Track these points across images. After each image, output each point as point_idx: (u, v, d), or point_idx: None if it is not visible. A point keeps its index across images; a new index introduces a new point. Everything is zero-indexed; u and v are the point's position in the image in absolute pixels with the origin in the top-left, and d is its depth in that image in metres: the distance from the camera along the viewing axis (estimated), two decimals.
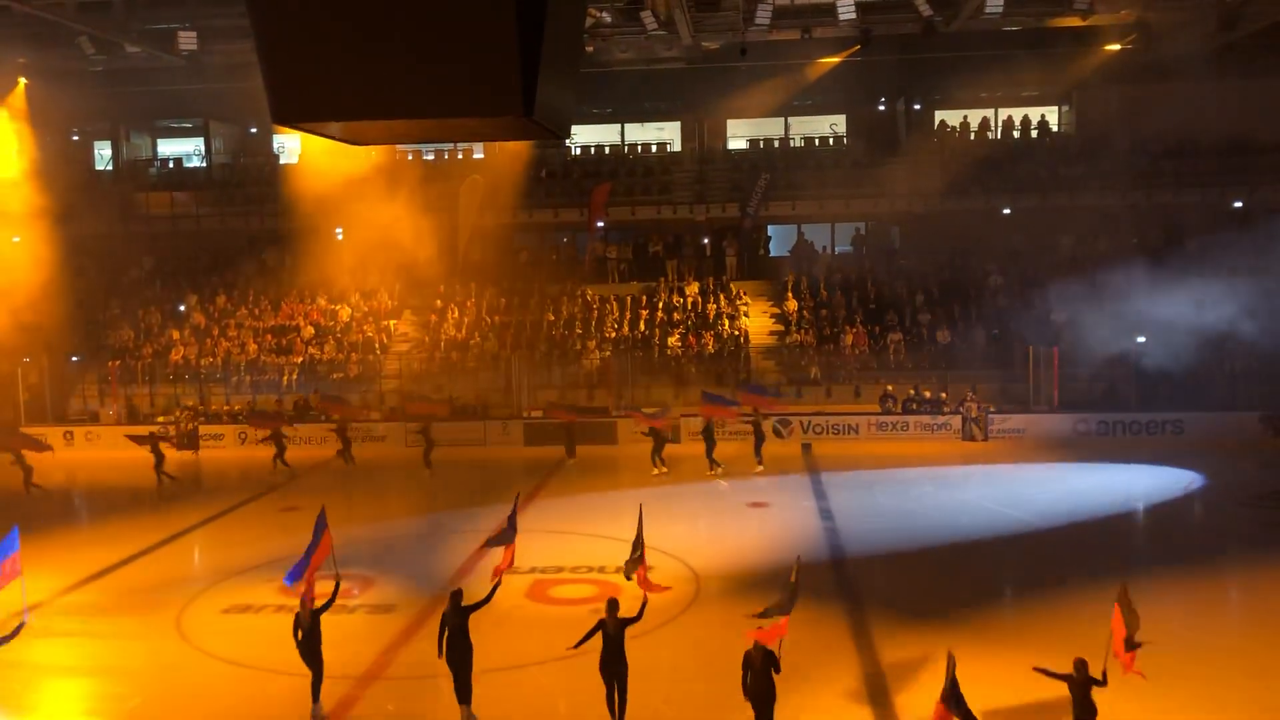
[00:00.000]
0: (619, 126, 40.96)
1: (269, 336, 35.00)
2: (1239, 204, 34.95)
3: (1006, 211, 35.85)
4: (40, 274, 30.55)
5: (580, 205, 36.84)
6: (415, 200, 34.41)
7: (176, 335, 35.40)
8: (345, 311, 36.10)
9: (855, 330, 33.10)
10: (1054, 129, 38.97)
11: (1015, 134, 38.19)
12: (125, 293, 37.73)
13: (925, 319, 33.54)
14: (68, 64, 31.71)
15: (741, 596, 16.04)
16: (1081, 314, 30.99)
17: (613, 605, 12.10)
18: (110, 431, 31.28)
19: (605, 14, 26.90)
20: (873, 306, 34.27)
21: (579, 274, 36.76)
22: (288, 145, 40.05)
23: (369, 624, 15.53)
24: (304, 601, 12.62)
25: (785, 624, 11.44)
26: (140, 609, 16.56)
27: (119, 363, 33.75)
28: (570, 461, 27.39)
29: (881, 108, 39.66)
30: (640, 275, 36.75)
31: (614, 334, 33.57)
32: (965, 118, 38.76)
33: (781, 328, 34.24)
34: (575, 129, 37.24)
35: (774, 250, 38.60)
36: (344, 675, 13.53)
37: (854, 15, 27.16)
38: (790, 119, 39.60)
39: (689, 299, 35.07)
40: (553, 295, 35.79)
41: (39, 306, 31.16)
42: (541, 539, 19.58)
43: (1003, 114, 38.82)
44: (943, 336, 32.83)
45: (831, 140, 39.36)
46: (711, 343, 32.99)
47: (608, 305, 35.06)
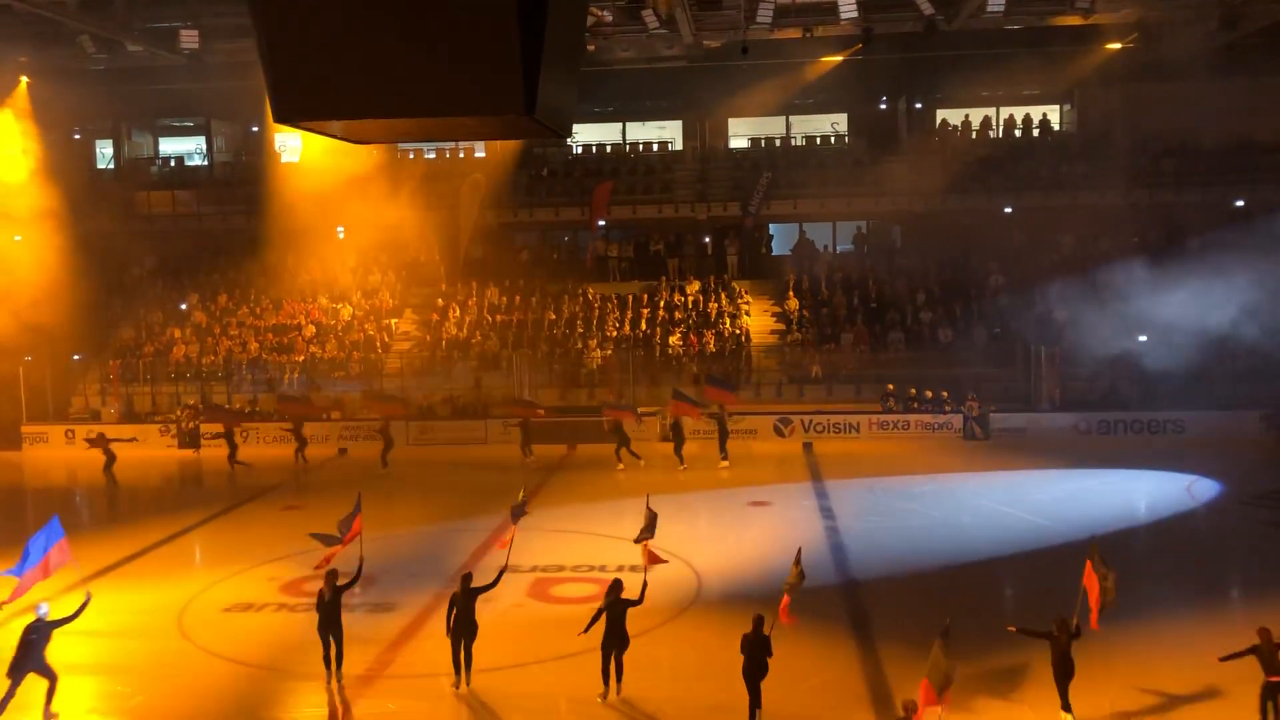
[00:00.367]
0: (620, 125, 40.94)
1: (270, 335, 35.01)
2: (1240, 203, 34.92)
3: (1008, 210, 35.82)
4: (42, 273, 30.54)
5: (581, 204, 36.82)
6: (416, 199, 34.44)
7: (178, 334, 35.43)
8: (346, 310, 36.11)
9: (856, 329, 33.10)
10: (1055, 128, 38.94)
11: (1017, 133, 38.14)
12: (127, 291, 37.75)
13: (926, 318, 33.52)
14: (69, 63, 31.66)
15: (742, 596, 15.98)
16: (1083, 313, 30.98)
17: (616, 586, 12.90)
18: (112, 430, 31.28)
19: (606, 13, 26.86)
20: (874, 305, 34.26)
21: (580, 273, 36.74)
22: (289, 144, 40.04)
23: (370, 623, 15.52)
24: (328, 577, 13.19)
25: (786, 603, 12.20)
26: (142, 607, 16.58)
27: (120, 361, 33.77)
28: (528, 460, 27.31)
29: (883, 106, 39.63)
30: (641, 274, 36.74)
31: (615, 333, 33.56)
32: (967, 116, 38.74)
33: (783, 326, 34.23)
34: (576, 128, 37.18)
35: (775, 249, 38.58)
36: (345, 675, 13.55)
37: (855, 14, 27.12)
38: (791, 118, 39.57)
39: (690, 298, 35.06)
40: (554, 294, 35.78)
41: (41, 305, 31.16)
42: (542, 538, 19.59)
43: (1004, 113, 38.77)
44: (944, 335, 32.82)
45: (833, 139, 39.33)
46: (713, 342, 32.97)
47: (609, 304, 35.06)
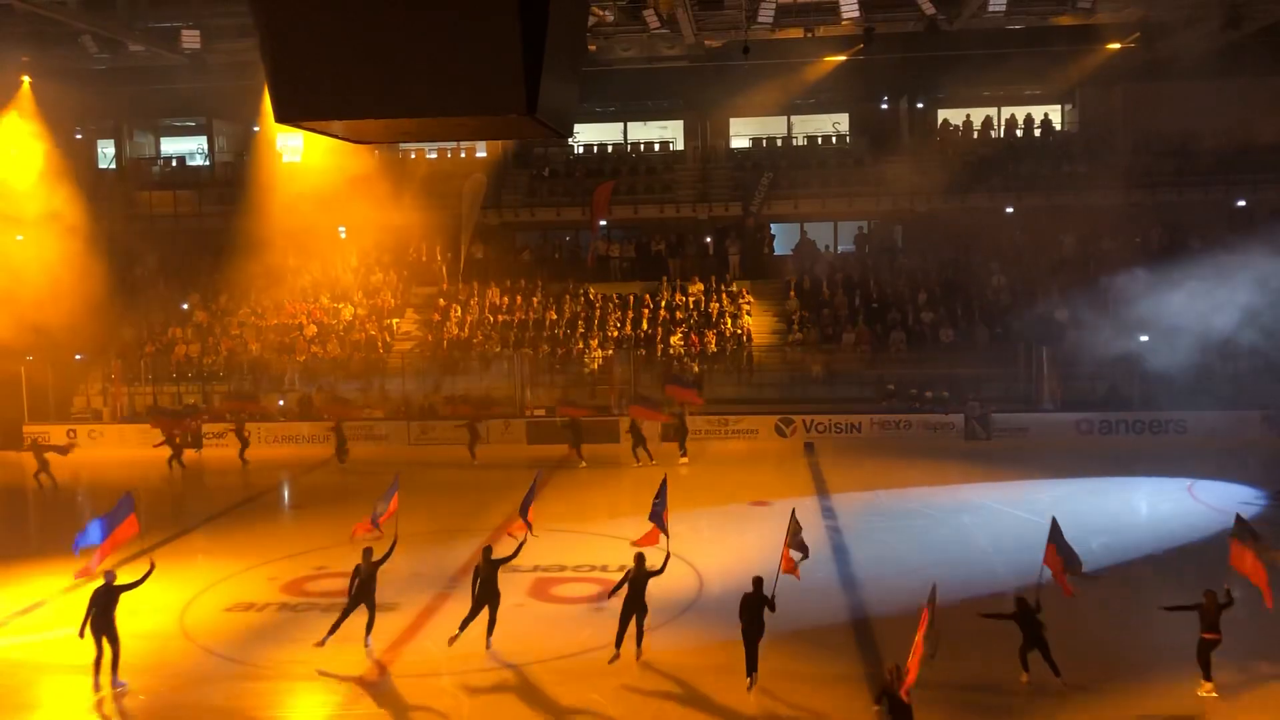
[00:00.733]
0: (621, 125, 40.94)
1: (272, 335, 35.04)
2: (1242, 203, 34.90)
3: (1009, 210, 35.79)
4: (44, 273, 30.56)
5: (583, 204, 36.80)
6: (418, 199, 34.44)
7: (179, 333, 35.45)
8: (348, 310, 36.11)
9: (858, 329, 33.10)
10: (1057, 128, 38.92)
11: (1018, 132, 38.12)
12: (129, 291, 37.72)
13: (928, 318, 33.51)
14: (71, 63, 31.72)
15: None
16: (1084, 313, 30.97)
17: (640, 559, 13.88)
18: (114, 430, 31.39)
19: (608, 13, 26.88)
20: (875, 305, 34.23)
21: (582, 273, 36.70)
22: (291, 144, 40.04)
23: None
24: (365, 554, 14.15)
25: (787, 554, 13.63)
26: (143, 607, 16.54)
27: (122, 361, 33.77)
28: (471, 460, 27.29)
29: (884, 106, 39.60)
30: (643, 274, 36.69)
31: (616, 333, 33.56)
32: (968, 116, 38.72)
33: (784, 326, 34.23)
34: (578, 127, 37.27)
35: (777, 249, 38.52)
36: (346, 674, 13.56)
37: (857, 14, 27.15)
38: (793, 117, 39.57)
39: (691, 298, 35.06)
40: (555, 294, 35.79)
41: (43, 305, 31.18)
42: (543, 537, 19.48)
43: (1005, 112, 38.74)
44: (945, 335, 32.80)
45: (834, 139, 39.32)
46: (714, 342, 32.98)
47: (610, 304, 35.05)
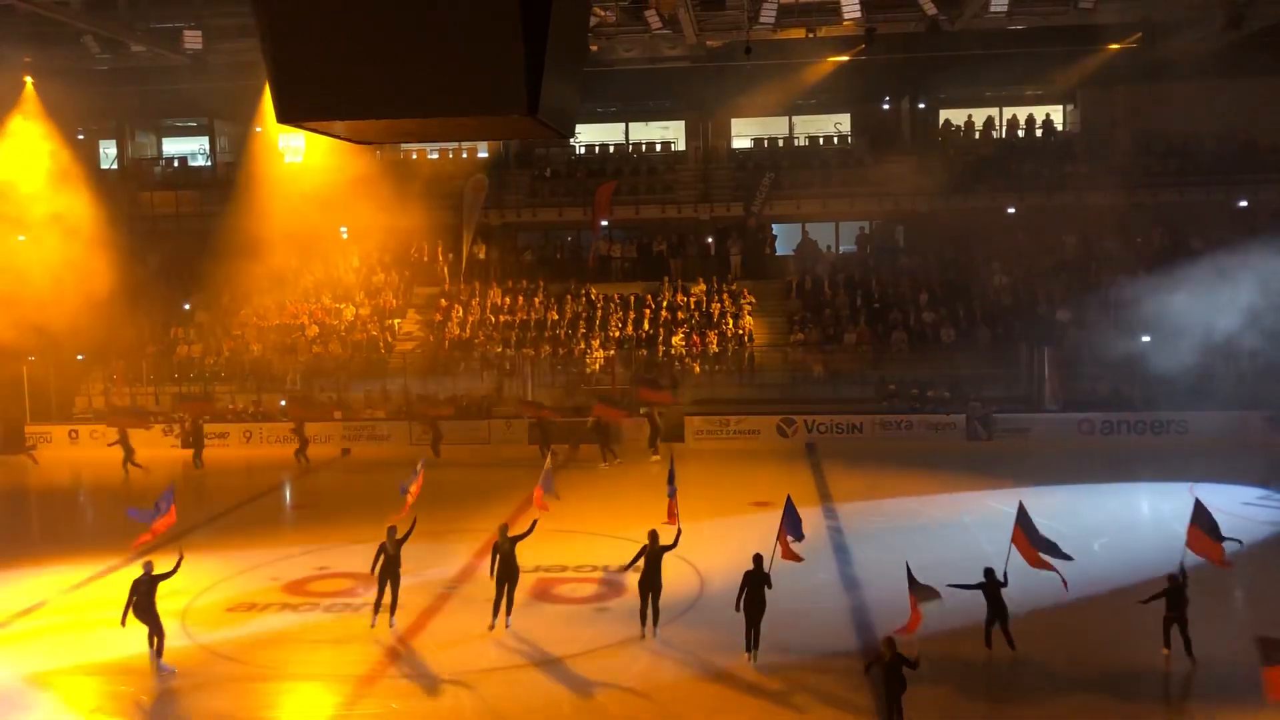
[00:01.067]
0: (623, 125, 40.92)
1: (273, 335, 35.04)
2: (1244, 203, 34.86)
3: (1011, 210, 35.76)
4: (46, 273, 30.58)
5: (584, 204, 36.83)
6: (420, 199, 34.44)
7: (181, 334, 35.46)
8: (350, 310, 36.13)
9: (859, 329, 33.09)
10: (1058, 128, 38.89)
11: (1020, 133, 38.12)
12: (130, 292, 37.67)
13: (929, 318, 33.50)
14: (72, 63, 31.74)
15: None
16: (1086, 313, 30.95)
17: (654, 535, 14.43)
18: (114, 430, 31.27)
19: (609, 13, 26.88)
20: (877, 305, 34.23)
21: (583, 273, 36.73)
22: (292, 144, 40.04)
23: (371, 623, 15.51)
24: (389, 532, 14.99)
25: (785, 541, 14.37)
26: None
27: (124, 362, 33.78)
28: (434, 458, 26.99)
29: (886, 107, 39.61)
30: (644, 274, 36.69)
31: (618, 333, 33.57)
32: (969, 116, 38.70)
33: (785, 327, 34.20)
34: (579, 128, 37.21)
35: (778, 249, 38.54)
36: (347, 674, 13.57)
37: (858, 14, 27.14)
38: (794, 118, 39.55)
39: (693, 298, 35.05)
40: (556, 294, 35.79)
41: (44, 306, 31.20)
42: (544, 537, 19.47)
43: (1007, 113, 38.72)
44: (947, 335, 32.80)
45: (836, 139, 39.29)
46: (715, 342, 32.98)
47: (612, 304, 35.06)
